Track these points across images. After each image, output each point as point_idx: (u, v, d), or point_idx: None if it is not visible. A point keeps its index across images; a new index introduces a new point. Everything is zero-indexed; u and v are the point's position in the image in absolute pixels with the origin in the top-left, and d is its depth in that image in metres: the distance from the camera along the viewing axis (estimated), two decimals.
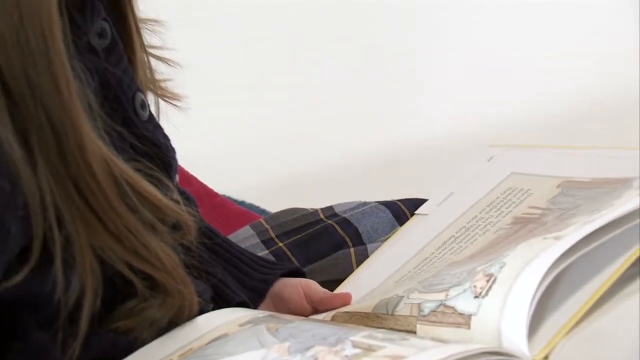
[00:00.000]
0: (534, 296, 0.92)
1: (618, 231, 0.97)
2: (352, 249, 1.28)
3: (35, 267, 0.95)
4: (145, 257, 0.99)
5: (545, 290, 0.94)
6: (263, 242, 1.30)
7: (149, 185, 1.00)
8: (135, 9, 1.10)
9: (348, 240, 1.29)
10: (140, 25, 1.13)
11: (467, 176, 1.29)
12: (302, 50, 2.38)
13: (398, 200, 1.33)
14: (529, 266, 0.95)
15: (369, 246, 1.28)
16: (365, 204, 1.33)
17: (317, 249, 1.28)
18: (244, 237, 1.30)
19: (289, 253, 1.28)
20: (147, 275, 1.01)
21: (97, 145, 0.95)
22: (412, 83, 2.39)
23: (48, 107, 0.92)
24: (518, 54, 2.52)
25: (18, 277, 0.95)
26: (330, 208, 1.33)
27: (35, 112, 0.92)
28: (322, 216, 1.32)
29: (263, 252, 1.28)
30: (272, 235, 1.31)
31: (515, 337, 0.91)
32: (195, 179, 1.49)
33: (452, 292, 0.99)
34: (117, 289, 1.01)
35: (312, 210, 1.34)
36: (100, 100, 0.99)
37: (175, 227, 1.03)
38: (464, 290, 0.98)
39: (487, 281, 0.97)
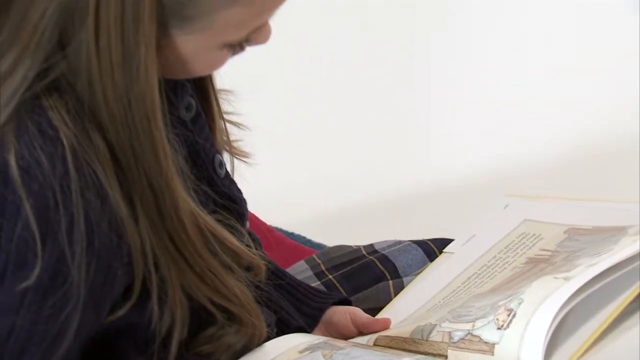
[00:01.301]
0: (548, 330, 0.97)
1: (619, 273, 1.03)
2: (390, 282, 1.29)
3: (135, 302, 1.00)
4: (225, 294, 1.04)
5: (557, 324, 0.99)
6: (315, 274, 1.32)
7: (227, 234, 1.05)
8: (215, 85, 1.15)
9: (387, 274, 1.30)
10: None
11: (487, 221, 1.31)
12: (337, 108, 2.42)
13: (428, 240, 1.34)
14: (543, 304, 1.00)
15: (404, 279, 1.30)
16: (400, 242, 1.34)
17: (361, 281, 1.30)
18: (300, 270, 1.32)
19: (337, 284, 1.30)
20: (226, 309, 1.06)
21: (187, 202, 1.00)
22: (436, 132, 2.41)
23: (149, 174, 0.97)
24: (529, 102, 2.51)
25: (121, 311, 1.01)
26: (371, 245, 1.35)
27: (138, 177, 0.96)
28: (364, 252, 1.34)
29: (315, 283, 1.30)
30: (323, 268, 1.32)
31: None
32: (257, 217, 1.52)
33: (478, 323, 1.04)
34: (200, 320, 1.06)
35: (356, 247, 1.35)
36: (190, 164, 1.04)
37: (248, 268, 1.08)
38: (488, 322, 1.03)
39: (508, 315, 1.02)
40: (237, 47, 1.00)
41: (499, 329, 1.01)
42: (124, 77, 0.93)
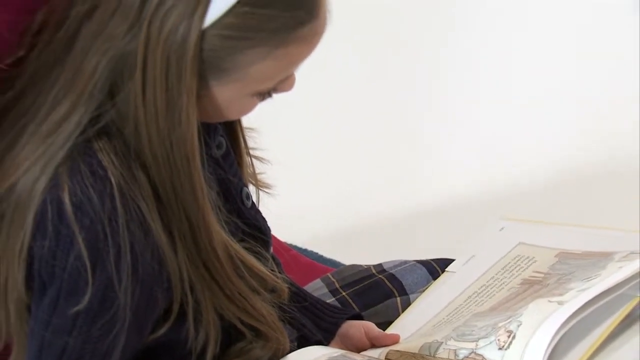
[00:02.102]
0: (545, 352, 1.00)
1: (608, 298, 1.06)
2: (398, 298, 1.31)
3: (173, 322, 1.04)
4: (253, 315, 1.07)
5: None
6: (330, 291, 1.34)
7: (255, 261, 1.08)
8: (242, 125, 1.18)
9: (395, 291, 1.32)
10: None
11: (484, 243, 1.32)
12: (340, 135, 2.41)
13: (431, 260, 1.36)
14: (540, 327, 1.03)
15: (411, 296, 1.31)
16: (406, 262, 1.36)
17: (371, 298, 1.32)
18: (316, 288, 1.35)
19: (350, 300, 1.32)
20: (254, 327, 1.09)
21: (220, 234, 1.03)
22: (437, 154, 2.39)
23: (187, 208, 1.00)
24: (528, 111, 2.47)
25: (162, 331, 1.04)
26: (380, 265, 1.37)
27: (177, 212, 1.00)
28: (374, 271, 1.36)
29: (331, 299, 1.32)
30: (337, 286, 1.34)
31: None
32: (275, 237, 1.52)
33: (481, 343, 1.07)
34: (230, 336, 1.09)
35: (366, 267, 1.37)
36: (222, 199, 1.07)
37: (273, 290, 1.10)
38: (490, 342, 1.06)
39: (508, 336, 1.05)
40: (266, 94, 1.03)
41: (500, 349, 1.04)
42: (167, 123, 0.96)
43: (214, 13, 0.95)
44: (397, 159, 2.35)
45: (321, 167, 2.29)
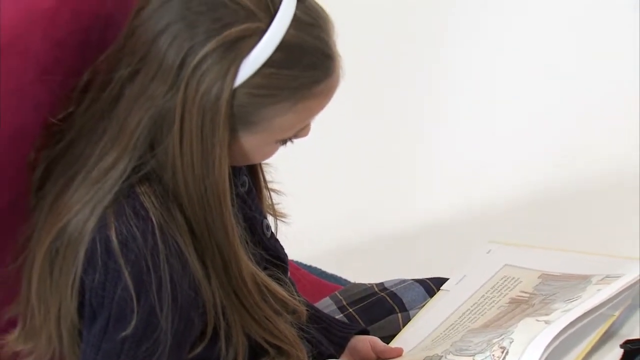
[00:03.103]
0: None
1: (589, 318, 1.11)
2: (399, 314, 1.34)
3: (207, 343, 1.08)
4: (277, 335, 1.11)
5: None
6: (338, 308, 1.37)
7: (277, 287, 1.12)
8: (263, 165, 1.22)
9: (396, 307, 1.35)
10: None
11: (474, 264, 1.36)
12: (339, 157, 2.41)
13: (427, 279, 1.39)
14: (530, 345, 1.08)
15: (410, 312, 1.34)
16: (404, 280, 1.39)
17: (375, 314, 1.35)
18: (326, 305, 1.38)
19: (356, 316, 1.35)
20: (277, 346, 1.13)
21: (248, 265, 1.07)
22: (439, 175, 2.35)
23: (219, 243, 1.04)
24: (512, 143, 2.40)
25: (197, 350, 1.08)
26: (382, 284, 1.40)
27: (210, 246, 1.04)
28: (376, 289, 1.38)
29: (339, 316, 1.35)
30: (345, 303, 1.37)
31: None
32: None
33: (478, 358, 1.11)
34: (256, 353, 1.13)
35: (369, 285, 1.40)
36: (249, 233, 1.12)
37: (294, 312, 1.14)
38: (486, 357, 1.10)
39: (502, 352, 1.09)
40: (287, 140, 1.08)
41: None
42: (202, 171, 1.01)
43: (243, 74, 0.99)
44: (394, 178, 2.33)
45: (322, 189, 2.30)
